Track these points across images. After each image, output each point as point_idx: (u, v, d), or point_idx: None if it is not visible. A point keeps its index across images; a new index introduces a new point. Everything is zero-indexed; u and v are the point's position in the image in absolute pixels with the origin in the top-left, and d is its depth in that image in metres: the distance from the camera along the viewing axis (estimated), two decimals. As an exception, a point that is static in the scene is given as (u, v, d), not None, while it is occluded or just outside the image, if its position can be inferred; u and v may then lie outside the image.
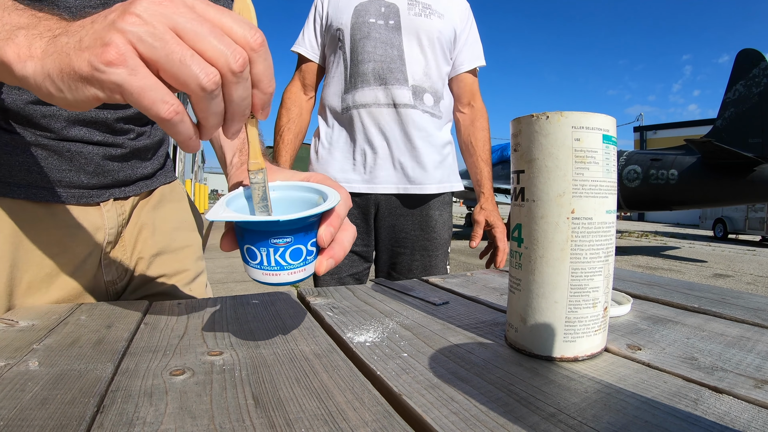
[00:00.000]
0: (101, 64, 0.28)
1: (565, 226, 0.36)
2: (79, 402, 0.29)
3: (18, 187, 0.55)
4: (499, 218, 1.22)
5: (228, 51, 0.30)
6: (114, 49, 0.28)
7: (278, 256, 0.36)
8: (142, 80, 0.28)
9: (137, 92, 0.28)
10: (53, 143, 0.56)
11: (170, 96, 0.29)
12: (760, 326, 0.47)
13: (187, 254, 0.73)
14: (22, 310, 0.51)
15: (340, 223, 0.39)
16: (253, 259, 0.36)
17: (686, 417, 0.28)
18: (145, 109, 0.29)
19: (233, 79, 0.30)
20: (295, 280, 0.37)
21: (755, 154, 6.77)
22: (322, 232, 0.37)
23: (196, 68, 0.29)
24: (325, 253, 0.38)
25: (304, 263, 0.37)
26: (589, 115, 0.35)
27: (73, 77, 0.29)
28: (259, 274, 0.36)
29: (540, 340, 0.37)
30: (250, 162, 0.38)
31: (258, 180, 0.38)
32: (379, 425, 0.27)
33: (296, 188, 0.43)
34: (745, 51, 7.47)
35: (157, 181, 0.71)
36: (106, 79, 0.28)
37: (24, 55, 0.31)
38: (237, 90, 0.31)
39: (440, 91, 1.18)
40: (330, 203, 0.37)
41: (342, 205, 0.39)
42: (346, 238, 0.40)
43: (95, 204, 0.61)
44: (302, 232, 0.36)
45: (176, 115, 0.30)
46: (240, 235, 0.37)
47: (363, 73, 1.11)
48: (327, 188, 0.41)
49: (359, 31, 1.11)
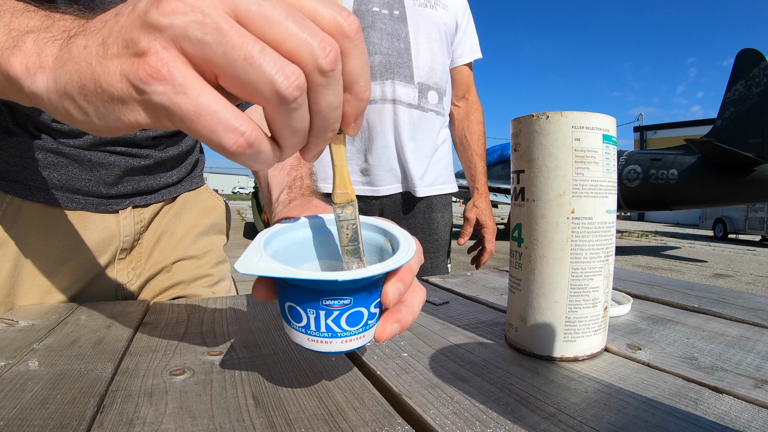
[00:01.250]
0: (138, 81, 0.21)
1: (565, 226, 0.36)
2: (79, 402, 0.29)
3: (38, 191, 0.55)
4: (491, 218, 1.21)
5: (314, 41, 0.21)
6: (152, 57, 0.20)
7: (331, 321, 0.27)
8: (194, 100, 0.21)
9: (190, 118, 0.21)
10: (74, 152, 0.56)
11: (238, 118, 0.21)
12: (760, 326, 0.47)
13: (209, 259, 0.71)
14: (22, 310, 0.51)
15: (412, 280, 0.30)
16: (297, 321, 0.28)
17: (686, 417, 0.28)
18: (203, 138, 0.22)
19: (322, 80, 0.22)
20: (349, 350, 0.28)
21: (755, 154, 6.77)
22: (390, 289, 0.28)
23: (269, 67, 0.20)
24: (389, 316, 0.29)
25: (364, 329, 0.28)
26: (589, 115, 0.35)
27: (102, 97, 0.22)
28: (303, 339, 0.28)
29: (540, 339, 0.37)
30: (336, 193, 0.30)
31: (347, 216, 0.30)
32: (379, 425, 0.27)
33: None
34: (745, 51, 7.47)
35: (181, 188, 0.69)
36: (149, 101, 0.21)
37: (33, 66, 0.24)
38: (326, 96, 0.23)
39: (443, 88, 1.15)
40: (404, 255, 0.28)
41: (415, 259, 0.30)
42: (416, 301, 0.30)
43: (113, 212, 0.60)
44: (365, 292, 0.27)
45: (249, 148, 0.22)
46: (281, 288, 0.28)
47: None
48: (397, 229, 0.32)
49: (362, 19, 1.05)
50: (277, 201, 0.48)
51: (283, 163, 0.53)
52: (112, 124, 0.23)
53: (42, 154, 0.55)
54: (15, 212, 0.54)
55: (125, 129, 0.23)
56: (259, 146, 0.22)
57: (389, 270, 0.27)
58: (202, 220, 0.71)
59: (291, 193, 0.47)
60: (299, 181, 0.49)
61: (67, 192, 0.56)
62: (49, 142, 0.54)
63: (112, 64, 0.22)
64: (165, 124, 0.22)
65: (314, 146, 0.25)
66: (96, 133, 0.24)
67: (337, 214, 0.30)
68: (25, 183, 0.55)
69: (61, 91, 0.23)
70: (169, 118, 0.21)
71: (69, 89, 0.23)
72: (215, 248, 0.73)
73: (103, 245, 0.59)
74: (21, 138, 0.54)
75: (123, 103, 0.22)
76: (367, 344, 0.32)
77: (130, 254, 0.63)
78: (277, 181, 0.51)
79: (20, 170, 0.54)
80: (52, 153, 0.55)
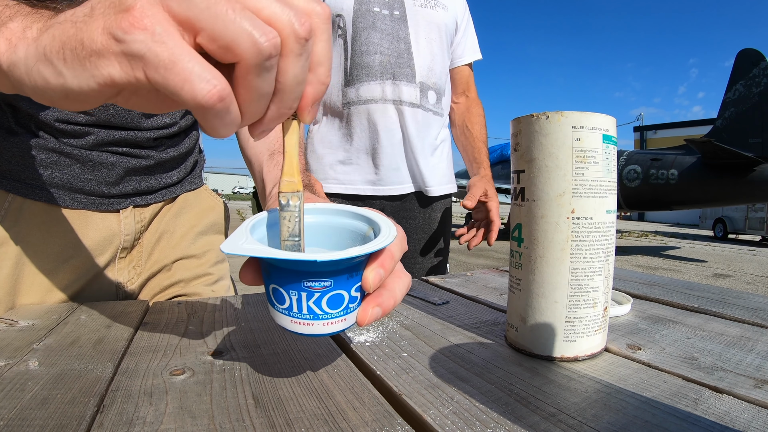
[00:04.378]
0: (119, 31, 0.21)
1: (565, 226, 0.36)
2: (79, 402, 0.29)
3: (39, 190, 0.55)
4: (495, 193, 1.15)
5: (291, 11, 0.22)
6: (137, 10, 0.21)
7: (312, 303, 0.28)
8: (171, 49, 0.21)
9: (164, 65, 0.21)
10: (76, 151, 0.56)
11: (212, 71, 0.21)
12: (760, 326, 0.47)
13: (208, 258, 0.71)
14: (22, 310, 0.51)
15: (393, 266, 0.30)
16: (281, 302, 0.29)
17: (686, 417, 0.28)
18: (176, 89, 0.21)
19: (296, 47, 0.23)
20: (331, 332, 0.29)
21: (755, 154, 6.77)
22: (370, 274, 0.28)
23: (249, 24, 0.21)
24: (370, 300, 0.30)
25: (345, 312, 0.29)
26: (589, 115, 0.35)
27: (80, 53, 0.22)
28: (286, 321, 0.29)
29: (540, 339, 0.37)
30: (283, 180, 0.29)
31: (291, 207, 0.29)
32: (379, 425, 0.27)
33: (340, 213, 0.34)
34: (745, 51, 7.47)
35: (181, 188, 0.70)
36: (127, 50, 0.21)
37: (16, 38, 0.24)
38: (296, 65, 0.23)
39: (442, 88, 1.15)
40: (384, 239, 0.29)
41: (397, 245, 0.31)
42: (398, 287, 0.31)
43: (114, 211, 0.60)
44: (345, 275, 0.28)
45: (220, 102, 0.22)
46: (265, 271, 0.29)
47: (368, 66, 1.05)
48: (379, 217, 0.33)
49: (363, 19, 1.05)
50: (270, 195, 0.49)
51: (278, 159, 0.54)
52: (84, 82, 0.23)
53: (44, 153, 0.55)
54: (17, 211, 0.54)
55: (97, 89, 0.23)
56: (229, 103, 0.22)
57: (368, 252, 0.27)
58: (202, 219, 0.72)
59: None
60: None
61: (68, 191, 0.57)
62: (52, 142, 0.55)
63: (96, 22, 0.22)
64: (138, 77, 0.22)
65: (268, 121, 0.25)
66: (66, 100, 0.24)
67: (281, 204, 0.29)
68: (27, 182, 0.55)
69: (39, 55, 0.23)
70: (144, 66, 0.21)
71: (48, 51, 0.23)
72: (214, 248, 0.73)
73: (104, 244, 0.59)
74: (23, 137, 0.54)
75: (99, 56, 0.22)
76: (349, 328, 0.32)
77: (131, 253, 0.63)
78: (272, 176, 0.52)
79: (22, 169, 0.54)
80: (54, 153, 0.55)
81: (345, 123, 1.10)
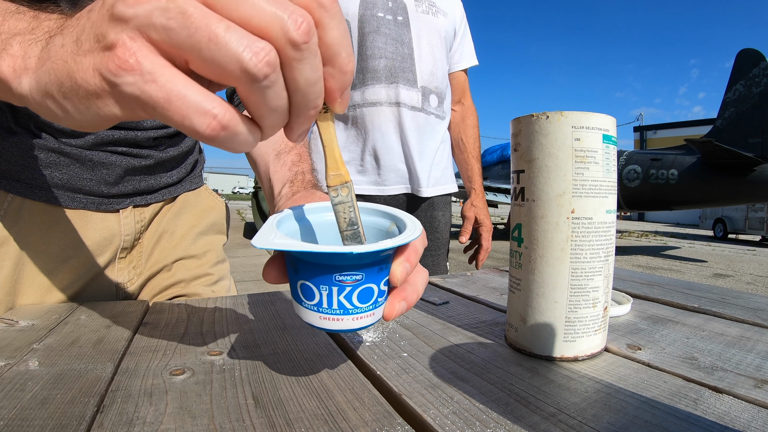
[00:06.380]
0: (108, 73, 0.20)
1: (565, 226, 0.36)
2: (79, 402, 0.29)
3: (39, 190, 0.55)
4: (488, 216, 1.26)
5: (284, 14, 0.20)
6: (120, 49, 0.20)
7: (343, 297, 0.28)
8: (164, 87, 0.20)
9: (161, 105, 0.20)
10: (76, 151, 0.56)
11: (211, 101, 0.21)
12: (760, 326, 0.47)
13: (209, 258, 0.71)
14: (22, 310, 0.51)
15: (417, 260, 0.31)
16: (309, 298, 0.28)
17: (686, 417, 0.28)
18: (177, 124, 0.21)
19: (295, 54, 0.21)
20: (360, 327, 0.29)
21: (755, 154, 6.77)
22: (398, 268, 0.29)
23: (235, 45, 0.20)
24: (396, 294, 0.30)
25: (374, 306, 0.29)
26: (589, 115, 0.35)
27: (78, 92, 0.22)
28: (315, 317, 0.29)
29: (540, 339, 0.37)
30: (329, 175, 0.29)
31: (343, 198, 0.29)
32: (379, 425, 0.27)
33: (360, 211, 0.33)
34: (745, 51, 7.47)
35: (181, 188, 0.69)
36: (121, 93, 0.21)
37: (19, 68, 0.25)
38: (303, 70, 0.22)
39: (443, 91, 1.18)
40: (411, 233, 0.29)
41: (420, 240, 0.31)
42: (420, 281, 0.32)
43: (114, 211, 0.60)
44: (376, 268, 0.28)
45: (223, 131, 0.21)
46: (293, 267, 0.29)
47: (373, 70, 1.08)
48: (402, 213, 0.33)
49: (368, 24, 1.08)
50: (280, 195, 0.48)
51: (284, 159, 0.54)
52: (90, 119, 0.23)
53: (43, 153, 0.55)
54: (16, 211, 0.54)
55: (105, 123, 0.23)
56: (234, 128, 0.21)
57: (400, 244, 0.27)
58: (202, 219, 0.72)
59: (293, 187, 0.47)
60: (301, 176, 0.50)
61: (68, 191, 0.56)
62: (51, 142, 0.55)
63: (85, 60, 0.21)
64: (140, 115, 0.22)
65: (297, 125, 0.24)
66: (80, 129, 0.24)
67: (332, 198, 0.29)
68: (27, 182, 0.55)
69: (42, 91, 0.23)
70: (142, 107, 0.21)
71: (49, 88, 0.23)
72: (215, 248, 0.73)
73: (104, 244, 0.59)
74: (23, 137, 0.54)
75: (98, 98, 0.22)
76: (376, 323, 0.32)
77: (131, 253, 0.63)
78: (279, 176, 0.51)
79: (22, 169, 0.54)
80: (53, 152, 0.55)
81: (350, 125, 1.13)
